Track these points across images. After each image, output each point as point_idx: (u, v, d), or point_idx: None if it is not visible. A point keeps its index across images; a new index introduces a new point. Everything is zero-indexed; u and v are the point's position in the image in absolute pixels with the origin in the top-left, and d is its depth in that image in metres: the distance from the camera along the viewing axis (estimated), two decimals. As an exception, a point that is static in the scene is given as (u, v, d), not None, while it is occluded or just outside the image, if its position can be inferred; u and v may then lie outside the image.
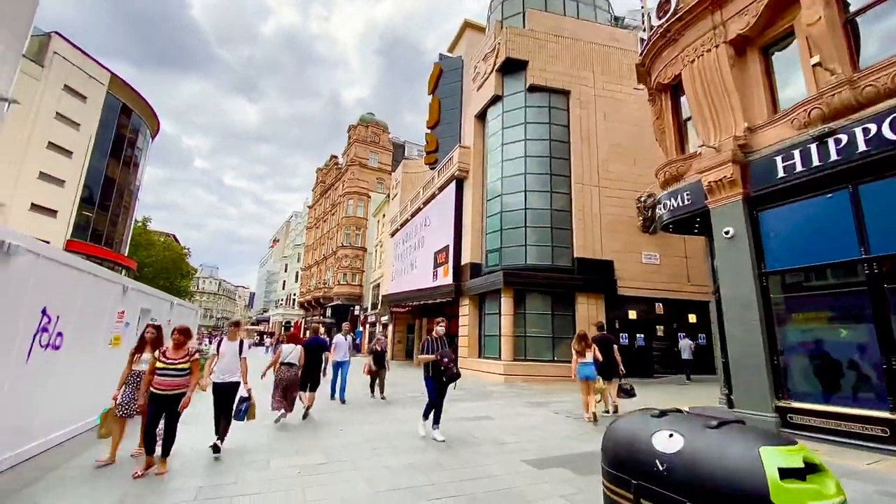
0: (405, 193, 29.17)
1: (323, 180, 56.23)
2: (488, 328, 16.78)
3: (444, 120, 25.09)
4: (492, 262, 17.07)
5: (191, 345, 4.99)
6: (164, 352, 4.74)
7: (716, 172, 7.93)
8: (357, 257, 40.58)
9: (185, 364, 4.73)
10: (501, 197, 17.10)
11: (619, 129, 17.52)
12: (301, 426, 7.10)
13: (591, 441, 6.29)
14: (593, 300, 15.42)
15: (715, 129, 8.33)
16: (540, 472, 4.79)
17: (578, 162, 16.58)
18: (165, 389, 4.56)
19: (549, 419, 7.91)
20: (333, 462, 5.07)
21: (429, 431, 6.32)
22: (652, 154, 17.55)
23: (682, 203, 8.95)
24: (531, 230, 16.19)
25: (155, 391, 4.55)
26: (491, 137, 18.50)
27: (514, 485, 4.36)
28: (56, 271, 5.16)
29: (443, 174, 21.32)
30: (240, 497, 3.94)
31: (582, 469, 4.87)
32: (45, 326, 4.98)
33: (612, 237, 16.24)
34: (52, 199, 22.51)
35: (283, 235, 79.69)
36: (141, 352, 5.15)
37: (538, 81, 17.14)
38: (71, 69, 23.41)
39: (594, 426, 7.30)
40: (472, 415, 8.29)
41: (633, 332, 16.03)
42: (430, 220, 22.29)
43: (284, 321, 57.64)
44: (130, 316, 7.75)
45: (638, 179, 16.98)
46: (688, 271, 17.13)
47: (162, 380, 4.58)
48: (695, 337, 16.06)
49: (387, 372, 10.68)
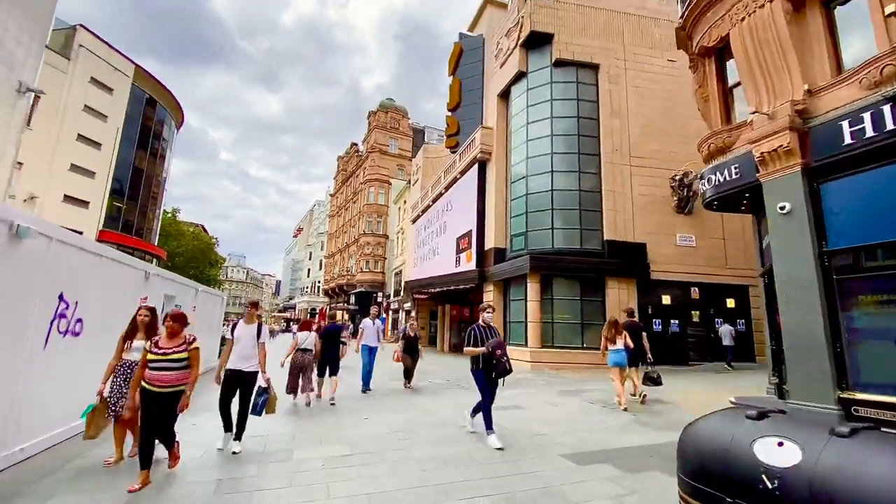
0: (426, 179, 28.70)
1: (344, 168, 56.29)
2: (513, 314, 16.34)
3: (466, 101, 24.37)
4: (517, 246, 16.53)
5: (188, 332, 4.22)
6: (156, 341, 3.98)
7: (770, 142, 7.18)
8: (379, 244, 40.58)
9: (181, 354, 3.95)
10: (526, 179, 16.45)
11: (651, 103, 16.52)
12: (324, 414, 6.90)
13: (632, 433, 5.85)
14: (624, 285, 14.73)
15: (768, 94, 7.54)
16: (581, 468, 4.39)
17: (608, 140, 15.73)
18: (159, 386, 3.79)
19: (584, 409, 7.48)
20: (358, 454, 4.79)
21: (473, 427, 5.72)
22: (687, 129, 16.58)
23: (729, 177, 8.22)
24: (558, 213, 15.54)
25: (147, 387, 3.80)
26: (515, 117, 17.77)
27: (554, 483, 3.97)
28: (72, 255, 4.99)
29: (464, 157, 20.74)
30: (261, 492, 3.70)
31: (627, 465, 4.45)
32: (63, 312, 4.83)
33: (644, 218, 15.43)
34: (84, 190, 23.07)
35: (307, 224, 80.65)
36: (132, 338, 4.42)
37: (565, 55, 16.26)
38: (97, 62, 23.72)
39: (633, 417, 6.84)
40: (501, 404, 7.92)
41: (666, 317, 15.30)
42: (452, 205, 21.82)
43: (310, 308, 58.60)
44: (154, 302, 7.65)
45: (672, 157, 16.09)
46: (726, 254, 16.18)
47: (155, 374, 3.81)
48: (733, 323, 15.20)
49: (419, 359, 10.06)
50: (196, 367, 4.06)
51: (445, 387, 9.92)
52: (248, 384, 4.82)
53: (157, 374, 3.81)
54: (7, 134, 11.82)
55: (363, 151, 48.26)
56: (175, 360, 3.90)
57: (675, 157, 16.08)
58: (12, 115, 11.83)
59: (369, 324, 9.49)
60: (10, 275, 3.99)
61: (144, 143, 28.34)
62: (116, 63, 25.07)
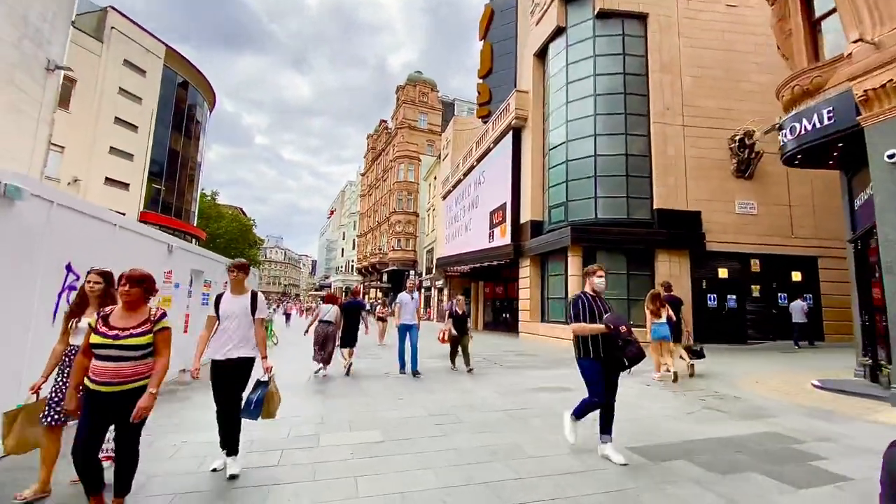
0: (456, 153, 27.69)
1: (373, 147, 55.85)
2: (552, 290, 15.47)
3: (498, 67, 23.06)
4: (556, 218, 15.50)
5: (154, 303, 2.89)
6: (104, 316, 2.64)
7: (876, 76, 5.92)
8: (409, 223, 40.17)
9: (140, 339, 2.59)
10: (566, 144, 15.25)
11: (707, 55, 14.81)
12: (356, 393, 6.43)
13: (706, 422, 5.02)
14: (676, 257, 13.51)
15: (873, 19, 6.19)
16: (655, 465, 3.65)
17: (658, 97, 14.24)
18: (107, 383, 2.50)
19: (643, 393, 6.66)
20: (391, 441, 4.24)
21: (576, 434, 4.10)
22: (748, 83, 14.81)
23: (819, 125, 6.96)
24: (602, 180, 14.34)
25: (91, 386, 2.52)
26: (553, 77, 16.43)
27: (627, 485, 3.26)
28: (79, 223, 4.60)
29: (497, 125, 19.60)
30: (280, 486, 3.19)
31: (712, 464, 3.66)
32: (73, 284, 4.46)
33: (699, 184, 14.01)
34: (124, 172, 23.62)
35: (339, 205, 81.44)
36: (79, 315, 3.15)
37: (608, 5, 14.72)
38: (128, 43, 23.87)
39: (702, 402, 5.99)
40: (547, 384, 7.25)
41: (722, 292, 14.03)
42: (485, 177, 20.84)
43: (345, 286, 59.58)
44: (180, 278, 7.36)
45: (729, 115, 14.48)
46: (791, 222, 14.56)
47: (102, 365, 2.52)
48: (799, 297, 13.71)
49: (469, 339, 8.78)
50: (164, 356, 2.72)
51: (483, 365, 9.31)
52: (241, 376, 3.53)
53: (105, 365, 2.51)
54: (39, 112, 11.86)
55: (392, 128, 47.50)
56: (131, 348, 2.56)
57: (733, 114, 14.45)
58: (43, 94, 11.83)
59: (406, 298, 8.39)
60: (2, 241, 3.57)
61: (179, 125, 28.73)
62: (148, 44, 25.19)
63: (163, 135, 26.79)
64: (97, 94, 21.99)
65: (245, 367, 3.53)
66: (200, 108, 31.82)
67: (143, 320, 2.67)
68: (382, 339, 14.31)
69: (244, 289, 3.69)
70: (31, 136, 11.20)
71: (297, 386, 7.00)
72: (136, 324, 2.63)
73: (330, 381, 7.51)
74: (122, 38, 23.50)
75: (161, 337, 2.70)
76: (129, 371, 2.57)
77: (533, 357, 11.03)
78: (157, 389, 2.63)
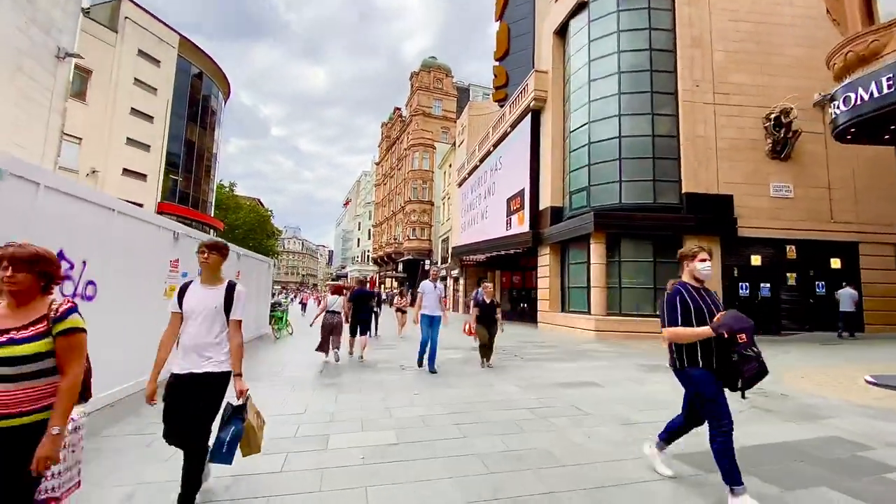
0: (472, 139, 27.04)
1: (388, 135, 55.40)
2: (573, 279, 14.90)
3: (515, 48, 22.23)
4: (577, 204, 14.86)
5: (57, 297, 1.90)
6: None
7: (954, 34, 5.18)
8: (424, 212, 39.79)
9: (28, 346, 1.71)
10: (589, 126, 14.53)
11: (740, 27, 13.85)
12: (370, 388, 6.10)
13: (755, 424, 4.53)
14: (706, 243, 12.61)
15: (950, -30, 5.44)
16: (710, 476, 3.19)
17: (687, 74, 13.38)
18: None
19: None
20: (406, 443, 3.87)
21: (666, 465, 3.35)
22: (783, 57, 13.84)
23: (878, 93, 6.22)
24: (627, 163, 13.62)
25: None
26: (574, 56, 15.64)
27: (681, 502, 2.81)
28: (70, 206, 4.29)
29: (515, 108, 18.90)
30: (280, 498, 2.84)
31: (775, 476, 3.19)
32: (66, 273, 4.18)
33: (731, 166, 13.19)
34: (141, 163, 23.73)
35: (355, 195, 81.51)
36: None
37: (634, -23, 13.84)
38: (142, 33, 23.80)
39: (747, 400, 5.46)
40: (570, 379, 6.80)
41: (755, 280, 13.28)
42: (502, 163, 20.22)
43: (361, 276, 59.84)
44: (186, 266, 7.10)
45: (764, 92, 13.58)
46: (831, 206, 13.63)
47: None
48: (838, 286, 12.84)
49: (500, 331, 8.04)
50: (72, 372, 1.80)
51: (503, 358, 8.90)
52: (209, 400, 2.58)
53: None
54: (51, 101, 11.74)
55: (406, 116, 46.91)
56: (13, 361, 1.68)
57: (768, 91, 13.53)
58: (54, 83, 11.70)
59: (429, 287, 7.66)
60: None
61: (194, 115, 28.73)
62: (161, 34, 25.08)
63: (178, 126, 26.81)
64: (112, 85, 22.01)
65: (215, 386, 2.59)
66: (216, 98, 31.77)
67: (39, 318, 1.77)
68: (402, 331, 14.02)
69: (219, 278, 2.77)
70: (44, 126, 11.09)
71: (308, 378, 6.72)
72: (25, 323, 1.74)
73: (343, 372, 7.21)
74: (137, 28, 23.42)
75: (66, 343, 1.79)
76: (13, 396, 1.67)
77: (553, 349, 10.57)
78: (62, 427, 1.73)
